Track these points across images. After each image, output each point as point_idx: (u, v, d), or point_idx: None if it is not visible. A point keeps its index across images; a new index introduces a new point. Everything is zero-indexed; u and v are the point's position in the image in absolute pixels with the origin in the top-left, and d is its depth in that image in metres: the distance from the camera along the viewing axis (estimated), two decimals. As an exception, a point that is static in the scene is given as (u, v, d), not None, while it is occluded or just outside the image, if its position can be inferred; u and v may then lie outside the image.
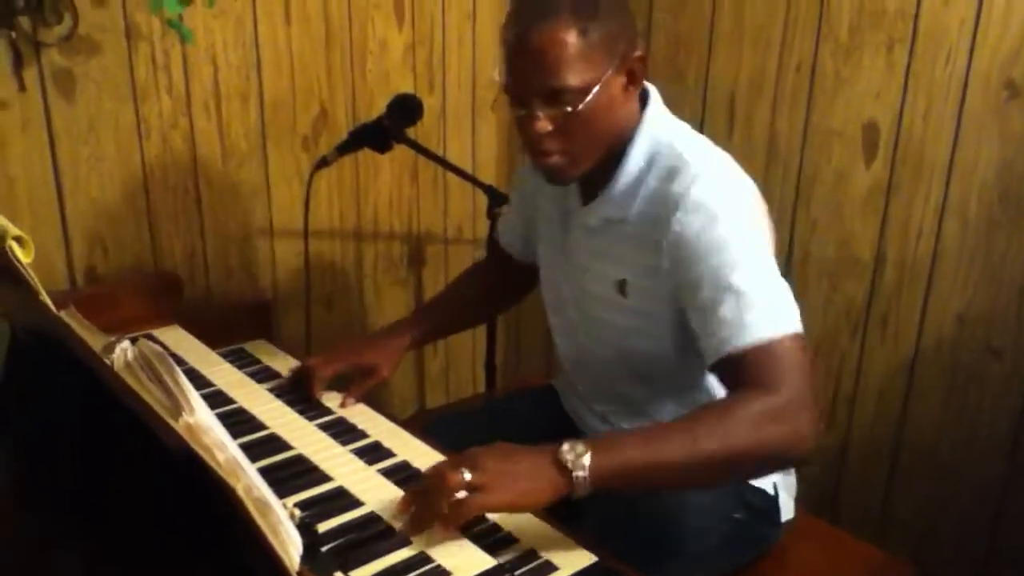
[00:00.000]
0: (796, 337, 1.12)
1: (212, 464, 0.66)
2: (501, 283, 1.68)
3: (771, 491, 1.37)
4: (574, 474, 1.02)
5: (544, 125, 1.19)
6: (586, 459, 1.02)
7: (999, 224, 1.64)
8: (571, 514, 1.17)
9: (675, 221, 1.17)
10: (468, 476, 1.01)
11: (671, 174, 1.21)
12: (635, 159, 1.25)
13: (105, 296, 1.69)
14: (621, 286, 1.28)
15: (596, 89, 1.16)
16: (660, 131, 1.26)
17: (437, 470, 1.06)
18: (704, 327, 1.16)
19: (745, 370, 1.11)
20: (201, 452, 0.67)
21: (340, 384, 1.45)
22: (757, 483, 1.35)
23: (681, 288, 1.19)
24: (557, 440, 1.06)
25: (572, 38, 1.14)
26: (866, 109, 1.77)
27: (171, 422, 0.68)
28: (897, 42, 1.70)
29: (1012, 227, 1.63)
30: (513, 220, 1.58)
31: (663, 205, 1.20)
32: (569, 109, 1.16)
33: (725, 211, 1.16)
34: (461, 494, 1.01)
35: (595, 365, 1.41)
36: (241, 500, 0.64)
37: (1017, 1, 1.55)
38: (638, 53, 1.21)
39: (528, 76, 1.18)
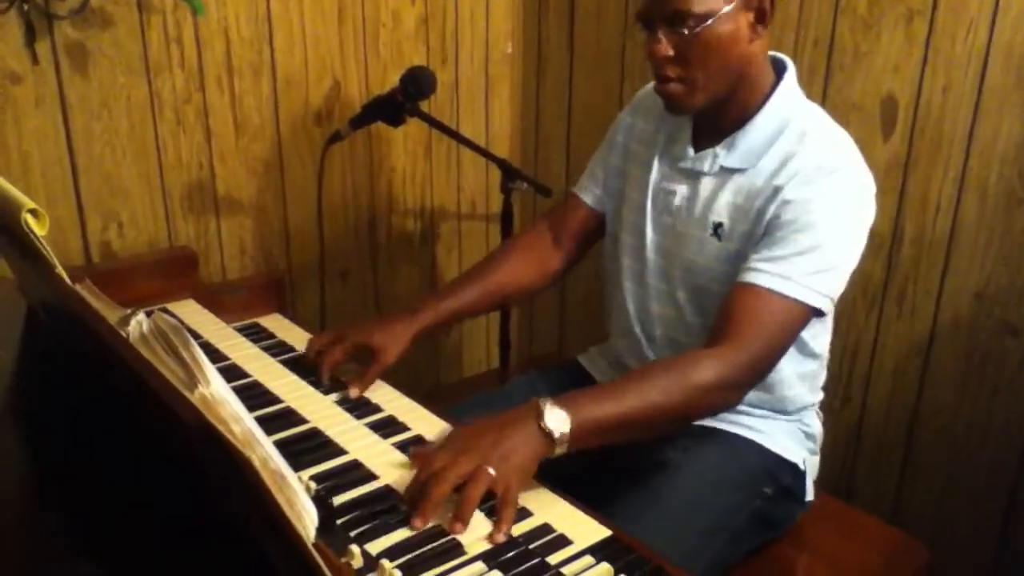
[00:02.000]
0: (806, 310, 1.21)
1: (228, 436, 0.65)
2: (558, 245, 1.56)
3: (802, 466, 1.38)
4: (555, 437, 1.08)
5: (665, 48, 1.21)
6: (566, 425, 1.08)
7: (1019, 200, 1.62)
8: (600, 492, 1.18)
9: (802, 174, 1.22)
10: (492, 471, 1.03)
11: (805, 138, 1.25)
12: (769, 118, 1.28)
13: (120, 271, 1.69)
14: (716, 228, 1.31)
15: (718, 16, 1.19)
16: (794, 101, 1.30)
17: (428, 457, 1.07)
18: (759, 249, 1.23)
19: (738, 304, 1.21)
20: (217, 424, 0.67)
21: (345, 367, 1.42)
22: (788, 458, 1.35)
23: (771, 224, 1.24)
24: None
25: None
26: (884, 83, 1.74)
27: (187, 394, 0.68)
28: (917, 14, 1.67)
29: (1032, 203, 1.61)
30: (594, 170, 1.54)
31: (793, 159, 1.24)
32: (686, 32, 1.19)
33: (840, 184, 1.22)
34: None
35: (667, 310, 1.40)
36: (257, 472, 0.64)
37: (1041, -28, 1.52)
38: None
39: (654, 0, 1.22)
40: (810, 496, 1.42)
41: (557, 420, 1.08)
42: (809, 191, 1.22)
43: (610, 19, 2.19)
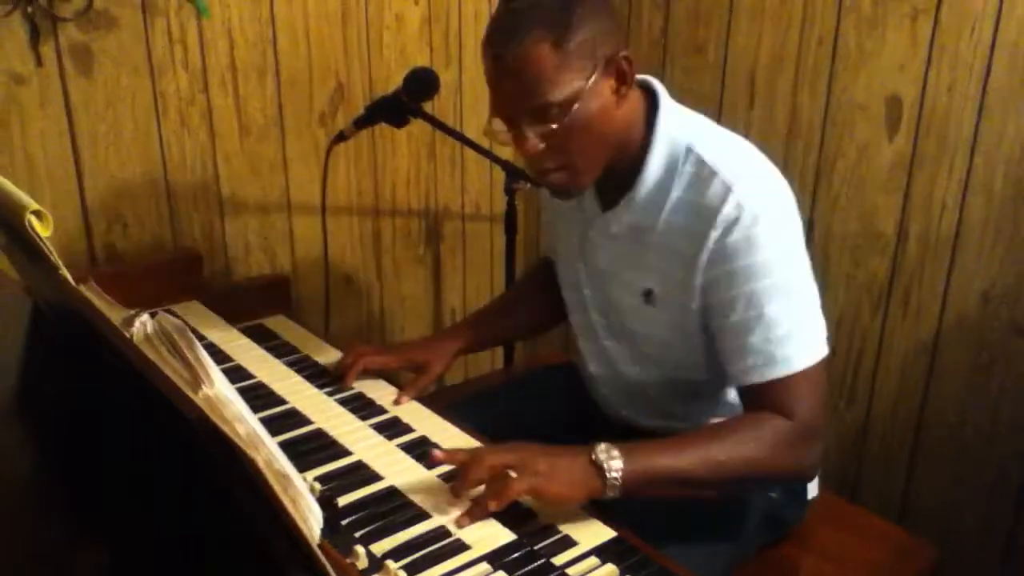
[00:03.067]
0: (820, 363, 1.16)
1: (232, 436, 0.65)
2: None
3: None
4: (608, 475, 1.05)
5: (535, 144, 1.14)
6: (619, 463, 1.06)
7: (1025, 199, 1.62)
8: (606, 504, 1.17)
9: (712, 239, 1.14)
10: (510, 458, 1.04)
11: (699, 183, 1.17)
12: (654, 165, 1.20)
13: (124, 273, 1.70)
14: (647, 295, 1.26)
15: (581, 100, 1.11)
16: (676, 133, 1.20)
17: (478, 452, 1.09)
18: (731, 351, 1.17)
19: (766, 396, 1.15)
20: (221, 424, 0.67)
21: (390, 379, 1.43)
22: None
23: (712, 308, 1.18)
24: (583, 428, 1.09)
25: (547, 52, 1.09)
26: (889, 82, 1.74)
27: (191, 394, 0.68)
28: (921, 13, 1.67)
29: (1038, 202, 1.60)
30: (546, 230, 1.54)
31: (696, 218, 1.16)
32: (555, 126, 1.11)
33: (763, 229, 1.13)
34: (511, 474, 1.04)
35: (619, 372, 1.38)
36: (261, 472, 0.64)
37: (1046, -29, 1.52)
38: (624, 53, 1.14)
39: (510, 98, 1.14)
40: (813, 492, 1.41)
41: (609, 457, 1.06)
42: (730, 257, 1.14)
43: (614, 19, 2.19)
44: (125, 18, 1.69)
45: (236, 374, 1.41)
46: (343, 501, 1.05)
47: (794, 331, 1.14)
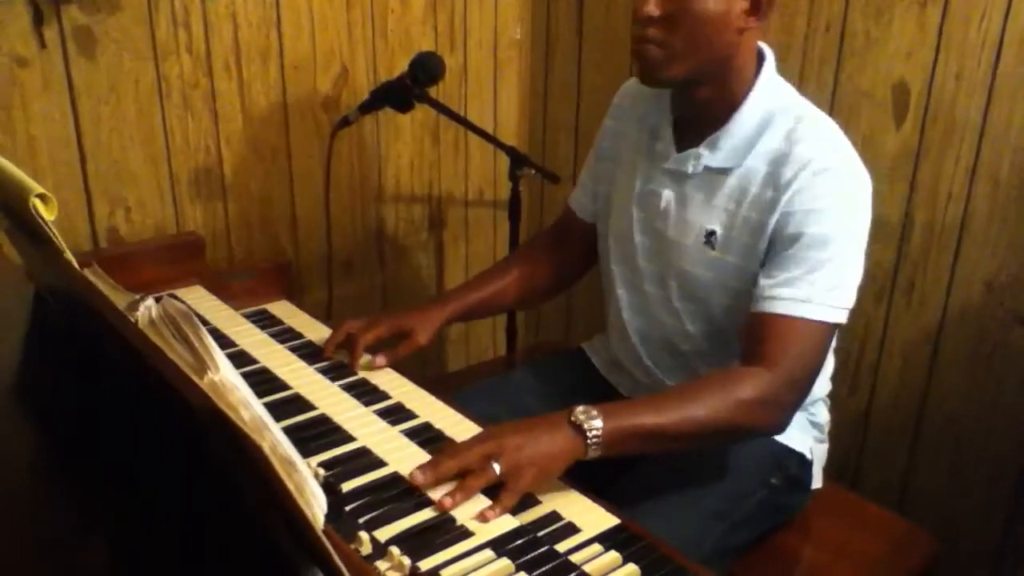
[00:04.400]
0: (831, 328, 1.20)
1: (237, 422, 0.65)
2: (566, 251, 1.60)
3: (808, 456, 1.37)
4: (589, 434, 1.07)
5: (653, 8, 1.18)
6: (598, 421, 1.08)
7: (1031, 189, 1.61)
8: (607, 477, 1.18)
9: (801, 179, 1.20)
10: (496, 469, 1.04)
11: (793, 137, 1.22)
12: (750, 112, 1.25)
13: (127, 257, 1.69)
14: (709, 236, 1.29)
15: None
16: (777, 91, 1.27)
17: (452, 450, 1.09)
18: (771, 271, 1.21)
19: (766, 332, 1.18)
20: (226, 410, 0.66)
21: (376, 350, 1.43)
22: (795, 448, 1.35)
23: (775, 240, 1.22)
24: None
25: None
26: (896, 70, 1.73)
27: (196, 380, 0.68)
28: (930, 0, 1.66)
29: (1045, 192, 1.60)
30: (584, 179, 1.55)
31: (784, 167, 1.21)
32: None
33: (846, 190, 1.20)
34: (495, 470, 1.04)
35: (657, 320, 1.40)
36: (267, 458, 0.64)
37: (1056, -42, 1.51)
38: None
39: None
40: (817, 483, 1.42)
41: (589, 418, 1.08)
42: (809, 200, 1.19)
43: (620, 4, 2.18)
44: (129, 1, 1.68)
45: (239, 359, 1.40)
46: (346, 487, 1.05)
47: (835, 286, 1.19)
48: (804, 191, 1.19)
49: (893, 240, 1.80)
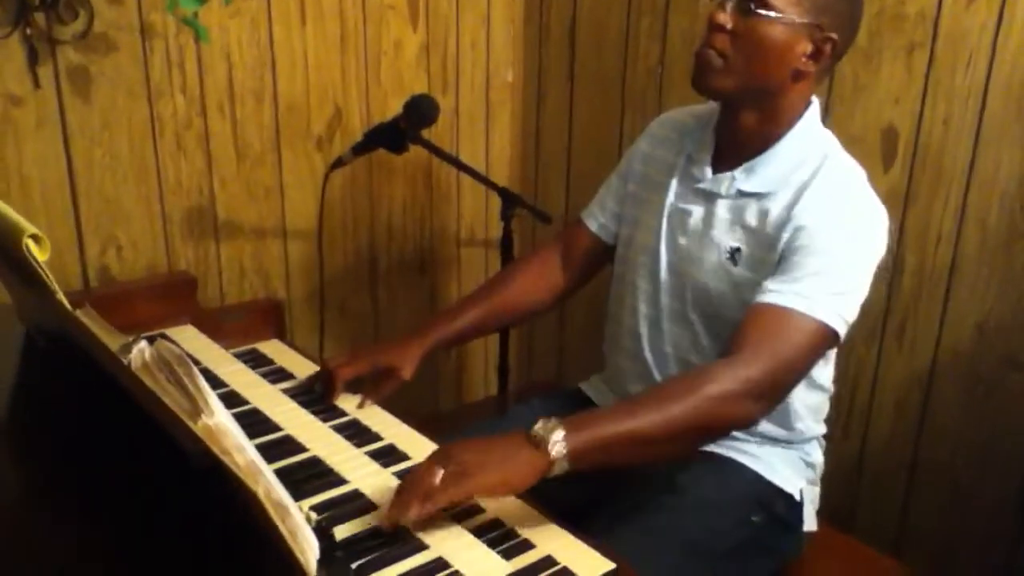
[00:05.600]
0: (825, 330, 1.20)
1: (232, 467, 0.65)
2: (569, 262, 1.59)
3: (798, 497, 1.36)
4: (551, 450, 1.04)
5: (724, 18, 1.24)
6: (558, 433, 1.05)
7: (1020, 233, 1.62)
8: (581, 511, 1.17)
9: (816, 199, 1.25)
10: (442, 471, 1.02)
11: (819, 168, 1.28)
12: (790, 147, 1.30)
13: (118, 296, 1.68)
14: (734, 254, 1.31)
15: (784, 18, 1.21)
16: (816, 131, 1.33)
17: (412, 469, 1.07)
18: (776, 275, 1.23)
19: (754, 320, 1.20)
20: (220, 454, 0.66)
21: (358, 387, 1.43)
22: (782, 487, 1.34)
23: (785, 250, 1.25)
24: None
25: None
26: (885, 114, 1.75)
27: (190, 424, 0.67)
28: (917, 46, 1.68)
29: (1033, 235, 1.61)
30: (604, 198, 1.56)
31: (807, 189, 1.26)
32: (752, 6, 1.21)
33: (858, 208, 1.26)
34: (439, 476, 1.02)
35: (680, 329, 1.39)
36: (262, 503, 0.63)
37: (1040, 7, 1.53)
38: (835, 37, 1.24)
39: None
40: (811, 526, 1.40)
41: (549, 431, 1.06)
42: (822, 217, 1.23)
43: (611, 47, 2.20)
44: (124, 41, 1.69)
45: (231, 400, 1.39)
46: (339, 531, 1.04)
47: (839, 292, 1.21)
48: (819, 207, 1.24)
49: (883, 283, 1.81)
